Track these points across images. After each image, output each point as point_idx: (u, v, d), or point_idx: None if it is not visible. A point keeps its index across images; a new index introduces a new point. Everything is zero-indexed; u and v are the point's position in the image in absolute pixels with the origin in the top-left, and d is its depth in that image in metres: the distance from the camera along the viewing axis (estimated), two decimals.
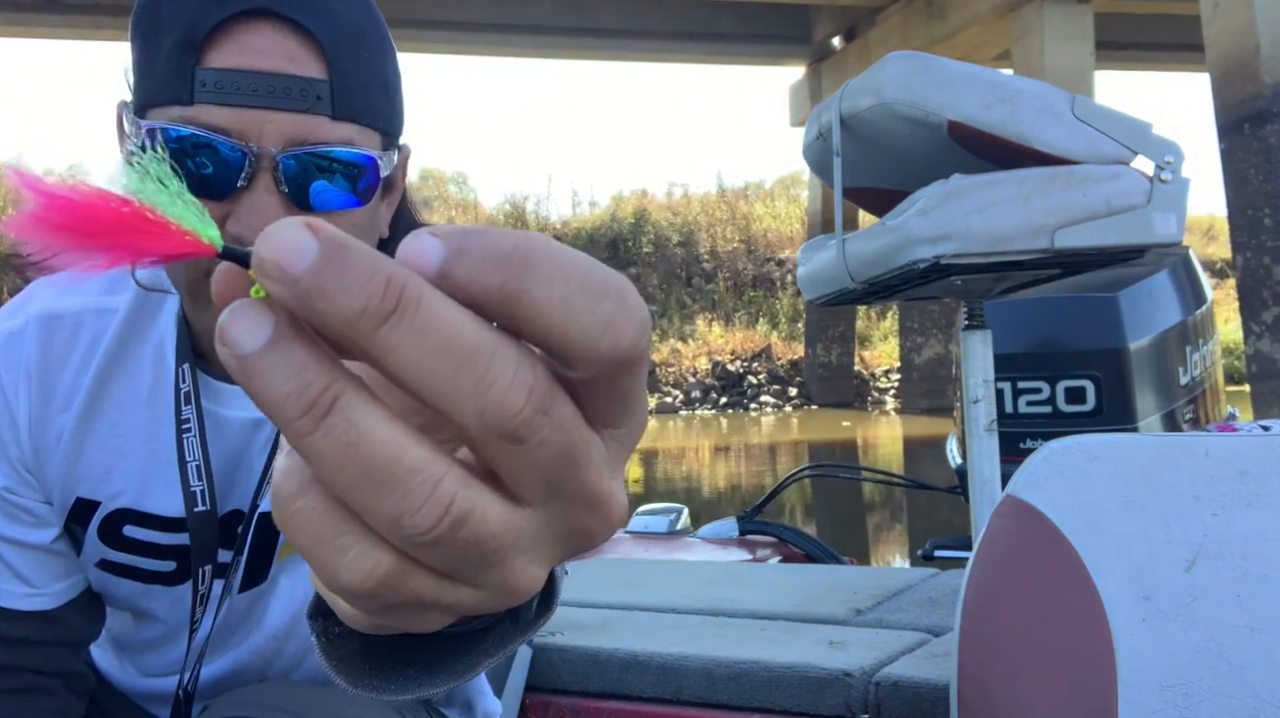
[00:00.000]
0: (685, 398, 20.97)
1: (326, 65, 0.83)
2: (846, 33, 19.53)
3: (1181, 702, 1.02)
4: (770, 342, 22.38)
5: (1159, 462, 1.08)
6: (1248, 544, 1.03)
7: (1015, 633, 1.11)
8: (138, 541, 1.01)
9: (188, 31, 0.81)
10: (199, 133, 0.81)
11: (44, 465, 0.99)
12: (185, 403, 0.96)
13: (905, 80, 1.37)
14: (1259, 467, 1.05)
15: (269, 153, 0.82)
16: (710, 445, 15.08)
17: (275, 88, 0.81)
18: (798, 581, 1.86)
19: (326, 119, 0.83)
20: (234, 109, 0.81)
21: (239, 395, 0.99)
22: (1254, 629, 1.01)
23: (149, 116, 0.83)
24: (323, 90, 0.83)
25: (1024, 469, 1.13)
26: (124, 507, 0.99)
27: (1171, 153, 1.33)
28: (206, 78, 0.81)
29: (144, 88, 0.84)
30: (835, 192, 1.48)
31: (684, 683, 1.39)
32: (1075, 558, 1.10)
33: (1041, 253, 1.31)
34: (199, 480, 0.97)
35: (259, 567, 1.05)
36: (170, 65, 0.82)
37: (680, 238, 25.29)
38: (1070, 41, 14.37)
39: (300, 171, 0.83)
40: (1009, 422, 2.01)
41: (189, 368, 0.96)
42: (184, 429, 0.96)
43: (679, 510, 2.68)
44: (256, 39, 0.81)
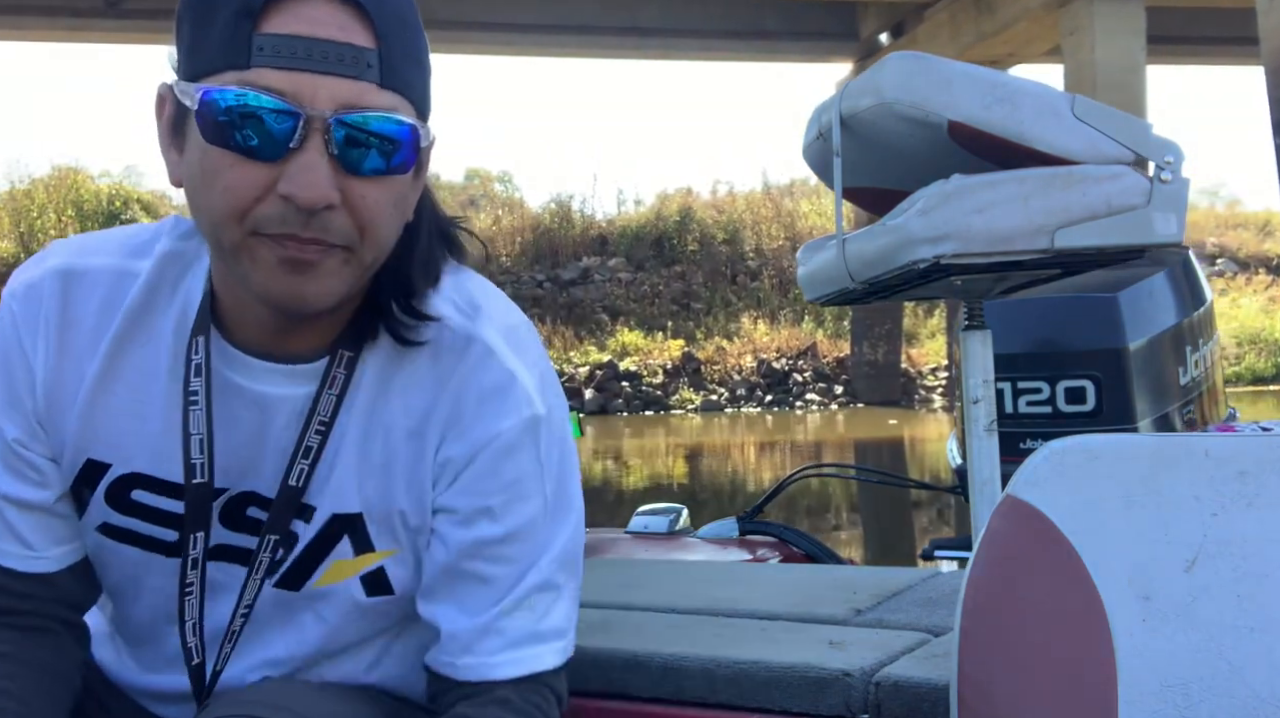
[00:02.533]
0: (730, 395, 20.95)
1: (375, 37, 0.87)
2: (894, 29, 19.40)
3: (1181, 702, 1.02)
4: (816, 339, 22.36)
5: (1159, 462, 1.08)
6: (1248, 544, 1.03)
7: (1015, 633, 1.11)
8: (145, 505, 1.02)
9: (246, 1, 0.84)
10: (255, 94, 0.84)
11: (58, 421, 1.00)
12: (195, 375, 0.98)
13: (905, 80, 1.37)
14: (1259, 467, 1.05)
15: (321, 115, 0.85)
16: (755, 443, 15.06)
17: (329, 53, 0.85)
18: (798, 580, 1.86)
19: (374, 86, 0.87)
20: (289, 72, 0.85)
21: (266, 369, 1.01)
22: (1254, 629, 1.01)
23: (205, 83, 0.86)
24: (372, 59, 0.87)
25: (1024, 469, 1.13)
26: (136, 471, 1.01)
27: (1171, 153, 1.34)
28: (264, 43, 0.84)
29: (198, 59, 0.87)
30: (835, 191, 1.48)
31: (684, 683, 1.38)
32: (1075, 558, 1.10)
33: (1041, 253, 1.31)
34: (200, 454, 0.99)
35: (302, 572, 1.05)
36: (227, 34, 0.85)
37: (725, 236, 25.29)
38: (1121, 36, 14.24)
39: (348, 136, 0.87)
40: (1009, 422, 2.01)
41: (204, 340, 0.98)
42: (191, 401, 0.98)
43: (679, 510, 2.68)
44: (311, 9, 0.85)
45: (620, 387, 20.73)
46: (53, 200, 22.39)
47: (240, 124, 0.84)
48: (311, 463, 1.01)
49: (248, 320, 0.99)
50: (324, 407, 1.00)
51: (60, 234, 21.76)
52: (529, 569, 1.02)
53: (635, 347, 21.89)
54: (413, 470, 1.03)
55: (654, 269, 24.52)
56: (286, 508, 1.02)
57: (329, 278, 0.91)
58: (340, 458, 1.02)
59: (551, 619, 1.04)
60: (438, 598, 1.04)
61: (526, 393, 1.03)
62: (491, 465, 1.01)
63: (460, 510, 1.02)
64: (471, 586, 1.02)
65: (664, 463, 13.08)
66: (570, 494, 1.07)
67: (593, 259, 24.70)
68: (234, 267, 0.91)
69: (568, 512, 1.06)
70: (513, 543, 1.02)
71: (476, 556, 1.02)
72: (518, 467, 1.02)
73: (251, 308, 0.98)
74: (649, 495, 9.89)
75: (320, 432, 1.01)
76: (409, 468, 1.03)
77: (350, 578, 1.05)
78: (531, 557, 1.03)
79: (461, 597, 1.02)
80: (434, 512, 1.04)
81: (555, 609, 1.04)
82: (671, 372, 21.34)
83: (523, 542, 1.02)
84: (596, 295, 23.63)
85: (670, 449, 14.83)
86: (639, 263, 24.62)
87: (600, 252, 24.97)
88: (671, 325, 22.76)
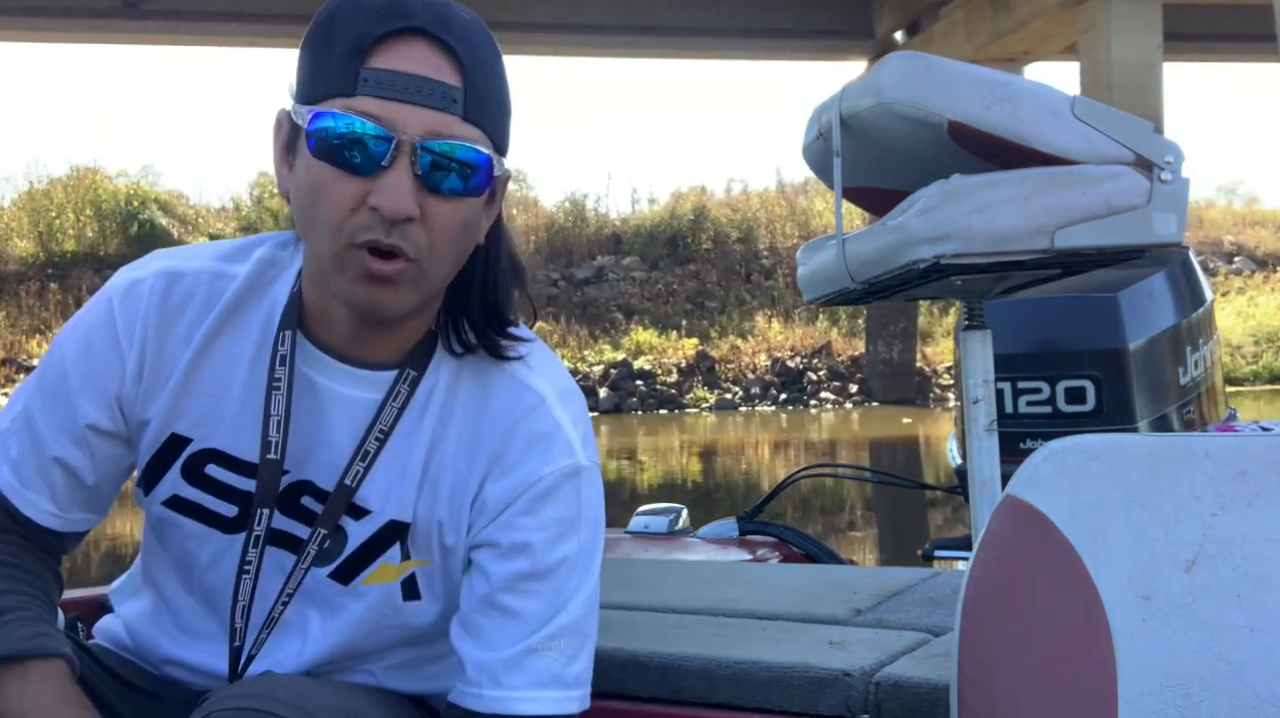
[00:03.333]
0: (745, 394, 20.91)
1: (462, 78, 1.02)
2: (909, 27, 19.23)
3: (1181, 702, 1.02)
4: (830, 338, 22.27)
5: (1159, 462, 1.08)
6: (1248, 544, 1.03)
7: (1015, 633, 1.11)
8: (216, 480, 1.14)
9: (358, 40, 1.00)
10: (356, 118, 0.99)
11: (147, 403, 1.13)
12: (280, 364, 1.11)
13: (905, 80, 1.37)
14: (1259, 467, 1.05)
15: (410, 140, 0.99)
16: (769, 442, 15.04)
17: (421, 88, 1.00)
18: (798, 581, 1.86)
19: (458, 119, 1.02)
20: (386, 101, 0.99)
21: (339, 370, 1.12)
22: (1254, 629, 1.01)
23: (316, 107, 1.01)
24: (457, 95, 1.01)
25: (1024, 469, 1.13)
26: (213, 447, 1.13)
27: (1171, 153, 1.34)
28: (368, 75, 0.99)
29: (313, 86, 1.03)
30: (835, 192, 1.48)
31: (684, 683, 1.39)
32: (1075, 558, 1.10)
33: (1041, 253, 1.31)
34: (276, 433, 1.10)
35: (354, 567, 1.15)
36: (339, 66, 1.00)
37: (739, 234, 25.20)
38: (1138, 34, 14.08)
39: (431, 160, 1.01)
40: (1009, 422, 2.01)
41: (291, 335, 1.11)
42: (274, 386, 1.10)
43: (679, 510, 2.68)
44: (411, 50, 1.00)
45: (634, 385, 20.73)
46: (71, 200, 22.48)
47: (343, 142, 0.99)
48: (367, 466, 1.11)
49: (330, 323, 1.11)
50: (386, 417, 1.12)
51: (79, 234, 21.89)
52: (559, 610, 1.09)
53: (649, 345, 21.88)
54: (457, 494, 1.13)
55: (668, 268, 24.50)
56: (339, 504, 1.12)
57: (400, 291, 1.04)
58: (405, 469, 1.12)
59: (576, 667, 1.10)
60: (470, 629, 1.11)
61: (570, 444, 1.13)
62: (532, 505, 1.11)
63: (501, 545, 1.10)
64: (503, 619, 1.09)
65: (677, 461, 13.10)
66: (599, 552, 1.16)
67: (607, 258, 24.70)
68: (329, 273, 1.04)
69: (594, 566, 1.14)
70: (547, 579, 1.09)
71: (511, 589, 1.09)
72: (557, 508, 1.11)
73: (335, 312, 1.10)
74: (661, 494, 9.91)
75: (379, 439, 1.11)
76: (454, 491, 1.13)
77: (393, 582, 1.15)
78: (563, 598, 1.10)
79: (493, 629, 1.09)
80: (475, 547, 1.13)
81: (580, 657, 1.11)
82: (686, 370, 21.33)
83: (556, 580, 1.10)
84: (611, 294, 23.63)
85: (684, 448, 14.83)
86: (653, 262, 24.60)
87: (614, 250, 24.96)
88: (686, 324, 22.74)
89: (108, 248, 21.74)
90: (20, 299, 19.91)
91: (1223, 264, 24.94)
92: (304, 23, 1.07)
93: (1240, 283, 24.34)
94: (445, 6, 1.03)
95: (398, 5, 1.01)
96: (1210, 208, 28.23)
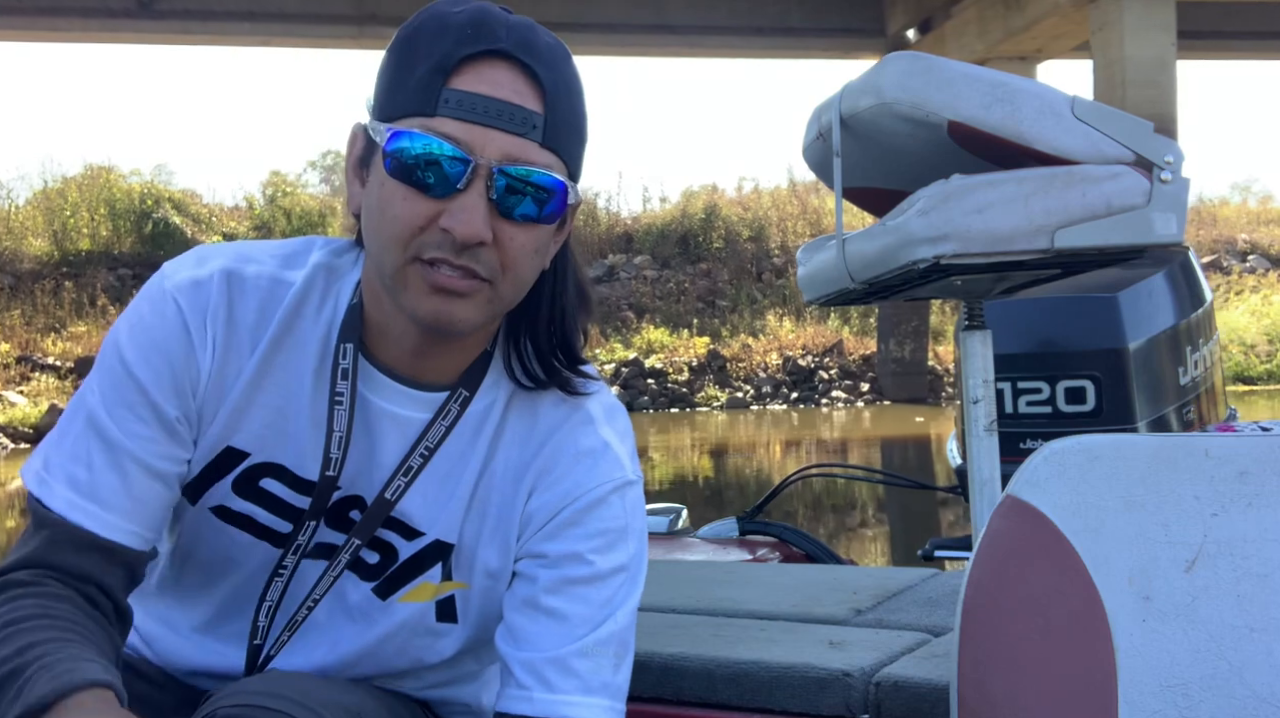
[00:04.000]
0: (756, 393, 20.89)
1: (543, 103, 1.00)
2: (921, 25, 19.20)
3: (1181, 702, 1.02)
4: (842, 337, 22.19)
5: (1159, 462, 1.08)
6: (1248, 544, 1.03)
7: (1015, 633, 1.11)
8: (271, 494, 1.11)
9: (441, 60, 0.98)
10: (434, 139, 0.98)
11: (207, 410, 1.09)
12: (342, 378, 1.09)
13: (905, 80, 1.37)
14: (1259, 467, 1.05)
15: (486, 164, 0.98)
16: (781, 440, 15.03)
17: (501, 112, 0.99)
18: (798, 581, 1.87)
19: (536, 145, 1.00)
20: (466, 124, 0.98)
21: (393, 389, 1.11)
22: (1254, 629, 1.01)
23: (395, 125, 1.00)
24: (537, 121, 1.00)
25: (1024, 469, 1.13)
26: (274, 461, 1.10)
27: (1171, 153, 1.34)
28: (449, 96, 0.98)
29: (393, 102, 1.01)
30: (835, 192, 1.48)
31: (684, 683, 1.39)
32: (1075, 558, 1.10)
33: (1041, 253, 1.31)
34: (336, 450, 1.09)
35: (394, 583, 1.14)
36: (421, 85, 0.99)
37: (751, 233, 25.12)
38: (1151, 32, 14.05)
39: (506, 184, 0.99)
40: (1009, 422, 2.00)
41: (352, 348, 1.09)
42: (336, 402, 1.09)
43: (678, 510, 2.69)
44: (494, 73, 0.99)
45: (646, 384, 20.74)
46: (85, 199, 22.54)
47: (419, 163, 0.98)
48: (409, 481, 1.10)
49: (388, 340, 1.09)
50: (433, 434, 1.10)
51: (93, 232, 21.96)
52: (607, 618, 1.09)
53: (661, 344, 21.87)
54: (505, 519, 1.13)
55: (679, 267, 24.48)
56: (376, 517, 1.11)
57: (471, 306, 1.02)
58: (455, 491, 1.12)
59: (620, 677, 1.10)
60: (515, 631, 1.10)
61: (619, 459, 1.13)
62: (579, 516, 1.10)
63: (549, 555, 1.10)
64: (549, 621, 1.08)
65: (688, 459, 13.10)
66: (645, 566, 1.15)
67: (618, 257, 24.70)
68: (392, 289, 1.03)
69: (641, 578, 1.14)
70: (596, 586, 1.09)
71: (559, 592, 1.09)
72: (605, 519, 1.11)
73: (394, 329, 1.08)
74: (673, 491, 9.91)
75: (423, 455, 1.10)
76: (502, 516, 1.13)
77: (429, 601, 1.14)
78: (610, 606, 1.09)
79: (539, 631, 1.08)
80: (519, 558, 1.12)
81: (624, 668, 1.11)
82: (697, 369, 21.32)
83: (606, 589, 1.10)
84: (622, 293, 23.63)
85: (696, 445, 14.83)
86: (664, 260, 24.59)
87: (626, 249, 24.97)
88: (697, 323, 22.73)
89: (122, 246, 21.82)
90: (35, 298, 19.96)
91: (1236, 263, 24.78)
92: (317, 23, 1.07)
93: (1254, 281, 24.19)
94: (530, 30, 1.01)
95: (483, 27, 0.99)
96: (1224, 206, 28.04)
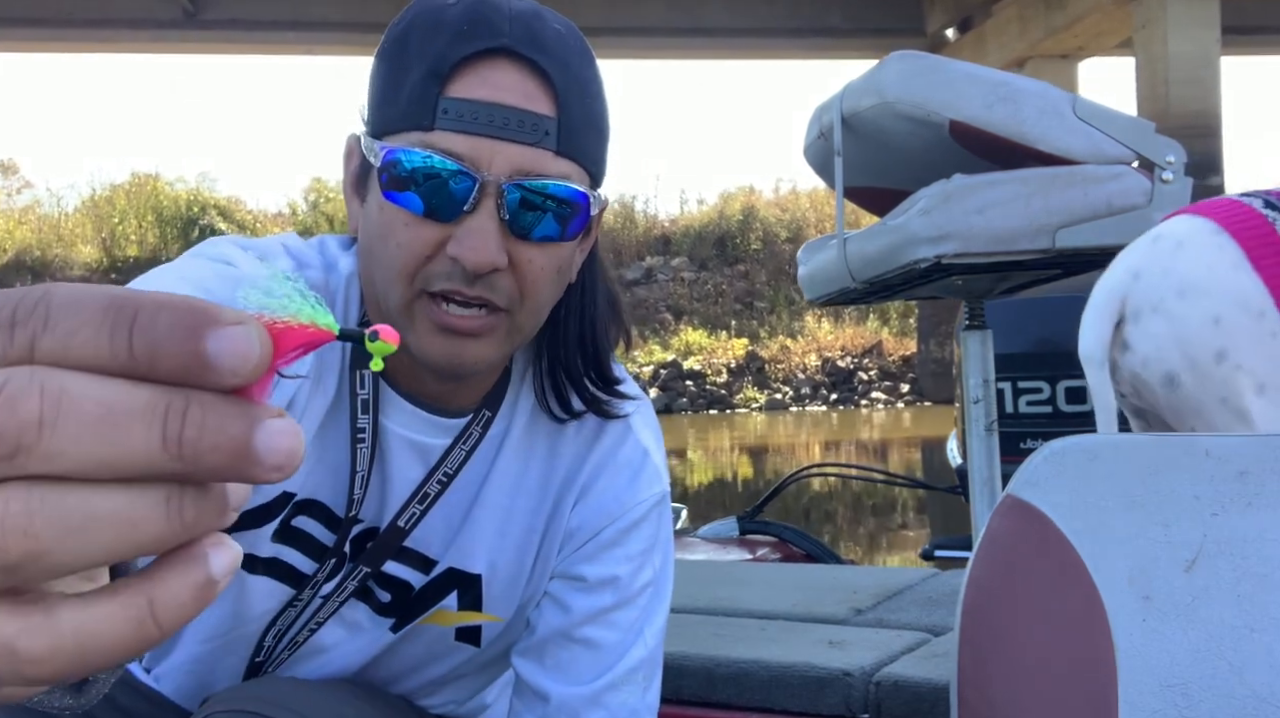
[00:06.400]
0: (795, 394, 20.86)
1: (556, 105, 0.88)
2: (960, 24, 19.06)
3: (1181, 702, 1.01)
4: (881, 338, 22.12)
5: (1159, 462, 1.07)
6: (1248, 544, 1.02)
7: (1015, 633, 1.11)
8: (303, 532, 1.02)
9: (435, 64, 0.86)
10: (434, 157, 0.85)
11: None
12: (363, 412, 0.98)
13: (907, 80, 1.37)
14: (1259, 467, 1.04)
15: (496, 181, 0.86)
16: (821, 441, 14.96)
17: (509, 120, 0.86)
18: (798, 580, 1.86)
19: (550, 154, 0.88)
20: (469, 136, 0.86)
21: (412, 414, 1.00)
22: (1254, 629, 1.00)
23: (389, 141, 0.88)
24: (550, 127, 0.87)
25: (1024, 469, 1.13)
26: (314, 498, 1.01)
27: (1173, 153, 1.33)
28: (448, 106, 0.86)
29: (386, 115, 0.89)
30: (836, 191, 1.48)
31: (684, 683, 1.40)
32: (1075, 558, 1.09)
33: (1043, 253, 1.31)
34: (360, 489, 0.99)
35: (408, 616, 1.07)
36: (415, 94, 0.87)
37: (788, 234, 24.96)
38: (1194, 28, 13.87)
39: (521, 200, 0.87)
40: (1009, 422, 2.00)
41: (370, 375, 0.98)
42: (358, 439, 0.98)
43: (678, 510, 2.69)
44: (497, 74, 0.87)
45: (684, 386, 20.74)
46: (133, 206, 22.93)
47: (419, 184, 0.86)
48: (425, 508, 1.02)
49: (404, 368, 0.99)
50: (452, 460, 1.01)
51: (141, 239, 22.33)
52: (636, 640, 1.05)
53: (699, 346, 21.86)
54: (545, 543, 1.05)
55: (717, 268, 24.45)
56: (387, 546, 1.03)
57: (486, 345, 0.91)
58: (477, 518, 1.04)
59: (650, 696, 1.06)
60: (546, 662, 1.05)
61: (657, 470, 1.06)
62: (620, 537, 1.04)
63: (587, 579, 1.04)
64: (584, 651, 1.04)
65: (728, 460, 13.09)
66: (671, 575, 1.10)
67: (656, 259, 24.72)
68: (398, 326, 0.91)
69: (668, 589, 1.09)
70: (627, 609, 1.05)
71: (593, 622, 1.04)
72: (643, 539, 1.05)
73: (409, 358, 0.96)
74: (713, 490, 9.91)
75: (441, 482, 1.02)
76: (542, 540, 1.05)
77: (448, 627, 1.07)
78: (639, 627, 1.05)
79: (573, 662, 1.04)
80: (555, 576, 1.06)
81: (653, 686, 1.06)
82: (735, 371, 21.29)
83: (636, 609, 1.05)
84: (660, 295, 23.64)
85: (735, 446, 14.80)
86: (702, 262, 24.58)
87: (663, 251, 24.97)
88: (735, 324, 22.70)
89: (169, 253, 22.14)
90: None
91: None
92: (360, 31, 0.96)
93: None
94: (535, 17, 0.89)
95: (481, 20, 0.87)
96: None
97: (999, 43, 17.48)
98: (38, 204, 24.41)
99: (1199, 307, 1.28)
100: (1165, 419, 1.37)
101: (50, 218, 23.44)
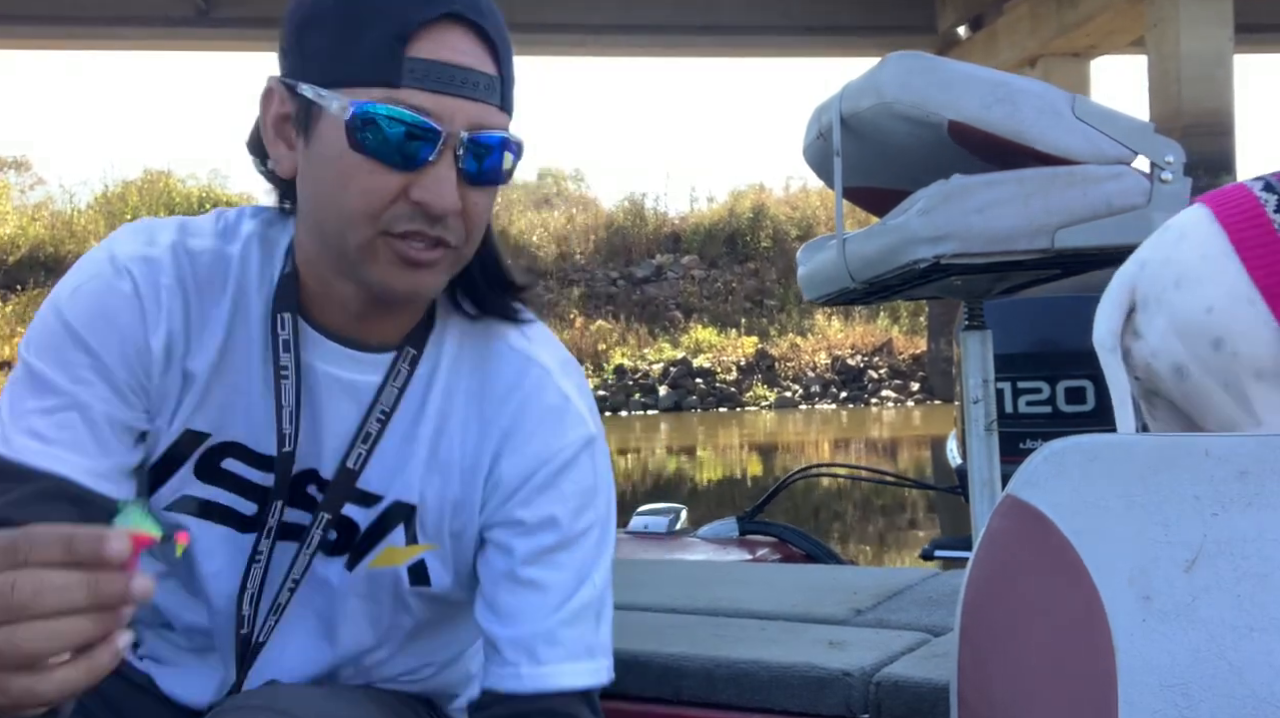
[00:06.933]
0: (804, 392, 20.86)
1: (497, 64, 0.99)
2: (972, 22, 19.07)
3: (1181, 702, 1.01)
4: (891, 336, 22.10)
5: (1159, 462, 1.07)
6: (1248, 544, 1.02)
7: (1015, 633, 1.11)
8: (233, 474, 1.09)
9: (398, 25, 0.95)
10: (406, 112, 0.94)
11: (163, 392, 1.06)
12: (284, 350, 1.06)
13: (906, 80, 1.37)
14: (1259, 467, 1.04)
15: (457, 134, 0.96)
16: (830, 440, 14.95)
17: (467, 79, 0.97)
18: (798, 580, 1.86)
19: (495, 108, 0.99)
20: (434, 94, 0.95)
21: (339, 353, 1.08)
22: (1254, 629, 1.00)
23: (353, 94, 0.96)
24: (494, 84, 0.99)
25: (1024, 469, 1.13)
26: (233, 440, 1.08)
27: (1172, 153, 1.33)
28: (414, 66, 0.95)
29: (341, 68, 0.97)
30: (835, 191, 1.49)
31: (684, 683, 1.40)
32: (1075, 558, 1.09)
33: (1042, 253, 1.31)
34: (289, 424, 1.06)
35: (359, 552, 1.12)
36: (380, 52, 0.95)
37: (799, 232, 24.96)
38: (1207, 26, 13.82)
39: (473, 153, 0.98)
40: (1009, 422, 1.99)
41: (290, 317, 1.06)
42: (281, 375, 1.06)
43: (678, 510, 2.69)
44: (453, 38, 0.96)
45: (694, 383, 20.75)
46: (145, 203, 22.99)
47: (388, 136, 0.94)
48: (370, 448, 1.08)
49: (330, 305, 1.07)
50: (386, 397, 1.08)
51: None
52: (585, 580, 1.08)
53: (709, 343, 21.87)
54: (468, 473, 1.10)
55: (727, 266, 24.45)
56: (342, 489, 1.08)
57: (439, 273, 1.02)
58: (411, 450, 1.09)
59: (602, 635, 1.09)
60: (499, 609, 1.09)
61: (580, 414, 1.11)
62: (552, 479, 1.09)
63: (525, 522, 1.08)
64: (530, 593, 1.07)
65: (736, 458, 13.09)
66: (615, 519, 1.14)
67: (666, 256, 24.72)
68: (356, 261, 1.00)
69: (612, 532, 1.13)
70: (572, 549, 1.08)
71: (536, 562, 1.08)
72: (577, 480, 1.09)
73: (336, 295, 1.06)
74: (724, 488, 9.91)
75: (380, 420, 1.08)
76: (465, 470, 1.10)
77: (399, 565, 1.11)
78: (587, 567, 1.09)
79: (521, 605, 1.07)
80: (492, 525, 1.10)
81: (604, 625, 1.10)
82: (745, 369, 21.29)
83: (581, 550, 1.09)
84: (670, 292, 23.65)
85: (743, 444, 14.79)
86: (712, 260, 24.57)
87: (673, 249, 24.97)
88: (745, 322, 22.70)
89: None
90: None
91: None
92: None
93: None
94: None
95: None
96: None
97: (1011, 41, 17.44)
98: (51, 200, 24.58)
99: (1194, 296, 1.31)
100: (1179, 406, 1.39)
101: (63, 214, 23.56)
